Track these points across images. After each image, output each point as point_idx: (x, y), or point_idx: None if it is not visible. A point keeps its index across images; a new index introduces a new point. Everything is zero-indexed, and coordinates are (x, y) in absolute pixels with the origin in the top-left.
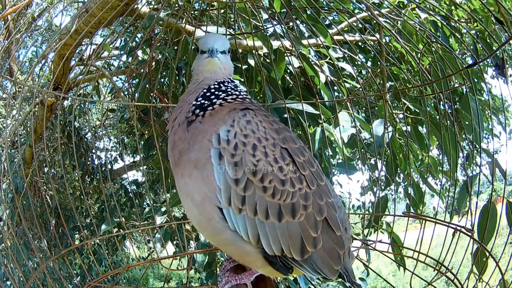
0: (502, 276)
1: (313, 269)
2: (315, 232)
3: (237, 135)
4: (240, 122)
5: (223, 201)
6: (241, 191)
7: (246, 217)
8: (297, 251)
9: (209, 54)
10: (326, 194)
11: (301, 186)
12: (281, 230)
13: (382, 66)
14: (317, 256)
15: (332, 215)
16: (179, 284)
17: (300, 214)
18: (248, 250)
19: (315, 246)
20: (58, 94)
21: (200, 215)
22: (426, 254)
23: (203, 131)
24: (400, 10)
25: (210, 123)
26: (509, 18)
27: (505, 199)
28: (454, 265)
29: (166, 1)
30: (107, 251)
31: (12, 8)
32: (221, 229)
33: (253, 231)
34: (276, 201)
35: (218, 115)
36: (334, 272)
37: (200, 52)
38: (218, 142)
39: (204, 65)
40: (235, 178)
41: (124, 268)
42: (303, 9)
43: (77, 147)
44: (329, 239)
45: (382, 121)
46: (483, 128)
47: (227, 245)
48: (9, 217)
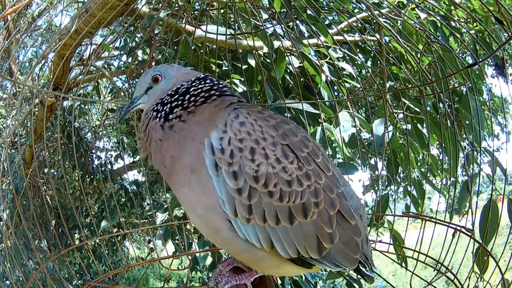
0: (502, 276)
1: (333, 263)
2: (330, 228)
3: (232, 141)
4: (233, 125)
5: (228, 212)
6: (246, 200)
7: (255, 225)
8: (314, 250)
9: (126, 107)
10: (335, 184)
11: (309, 183)
12: (295, 233)
13: (382, 66)
14: (335, 250)
15: (345, 205)
16: (180, 284)
17: (312, 212)
18: (262, 256)
19: (332, 241)
20: (58, 94)
21: (204, 225)
22: (426, 254)
23: (191, 132)
24: (400, 10)
25: (196, 123)
26: (509, 18)
27: (506, 197)
28: (454, 265)
29: (166, 1)
30: (107, 251)
31: (12, 8)
32: (232, 239)
33: (266, 238)
34: (285, 204)
35: (201, 114)
36: (354, 262)
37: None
38: (212, 152)
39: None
40: (237, 188)
41: (124, 268)
42: (303, 9)
43: (77, 147)
44: (345, 230)
45: (383, 120)
46: (483, 127)
47: (240, 253)
48: (9, 217)
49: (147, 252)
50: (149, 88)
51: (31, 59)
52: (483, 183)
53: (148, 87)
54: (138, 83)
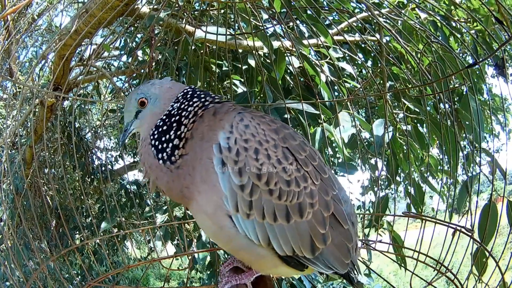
0: (502, 276)
1: (325, 265)
2: (323, 229)
3: (238, 141)
4: (238, 127)
5: (230, 207)
6: (248, 196)
7: (255, 221)
8: (307, 250)
9: (122, 137)
10: (331, 187)
11: (306, 184)
12: (291, 231)
13: (382, 66)
14: (327, 252)
15: (339, 209)
16: (180, 284)
17: (308, 212)
18: (261, 253)
19: (325, 242)
20: (58, 94)
21: (213, 225)
22: (426, 254)
23: (196, 157)
24: (400, 10)
25: (198, 143)
26: (509, 18)
27: (506, 198)
28: (454, 265)
29: (166, 1)
30: (108, 251)
31: (12, 8)
32: (234, 235)
33: (263, 234)
34: (283, 202)
35: (200, 131)
36: (345, 266)
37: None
38: (220, 151)
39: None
40: (241, 184)
41: (124, 268)
42: (303, 9)
43: (77, 147)
44: (337, 233)
45: (382, 121)
46: (483, 128)
47: (240, 250)
48: (10, 217)
49: (147, 252)
50: (138, 112)
51: (31, 59)
52: (483, 182)
53: (136, 111)
54: (126, 109)
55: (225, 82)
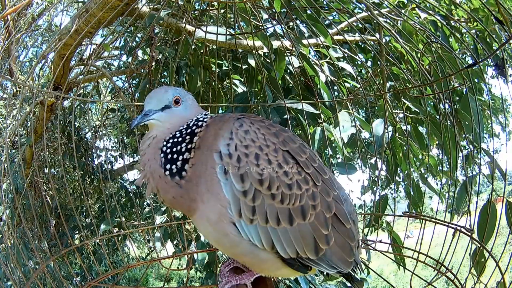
0: (502, 276)
1: (329, 265)
2: (326, 230)
3: (238, 147)
4: (238, 133)
5: (234, 214)
6: (250, 201)
7: (258, 226)
8: (311, 251)
9: (140, 119)
10: (332, 187)
11: (308, 187)
12: (294, 234)
13: (382, 66)
14: (331, 252)
15: (340, 209)
16: (180, 284)
17: (310, 214)
18: (264, 257)
19: (328, 242)
20: (58, 94)
21: (217, 233)
22: (426, 254)
23: (205, 160)
24: (400, 10)
25: (206, 151)
26: (509, 18)
27: (505, 199)
28: (454, 265)
29: (166, 1)
30: (107, 251)
31: (12, 8)
32: (238, 241)
33: (267, 238)
34: (286, 206)
35: (205, 140)
36: (349, 265)
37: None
38: (221, 158)
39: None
40: (243, 190)
41: (124, 268)
42: (303, 9)
43: (77, 147)
44: (340, 233)
45: (382, 120)
46: (483, 128)
47: (244, 255)
48: (9, 217)
49: (147, 252)
50: (166, 107)
51: (31, 59)
52: (483, 182)
53: (166, 105)
54: (155, 96)
55: (225, 82)
